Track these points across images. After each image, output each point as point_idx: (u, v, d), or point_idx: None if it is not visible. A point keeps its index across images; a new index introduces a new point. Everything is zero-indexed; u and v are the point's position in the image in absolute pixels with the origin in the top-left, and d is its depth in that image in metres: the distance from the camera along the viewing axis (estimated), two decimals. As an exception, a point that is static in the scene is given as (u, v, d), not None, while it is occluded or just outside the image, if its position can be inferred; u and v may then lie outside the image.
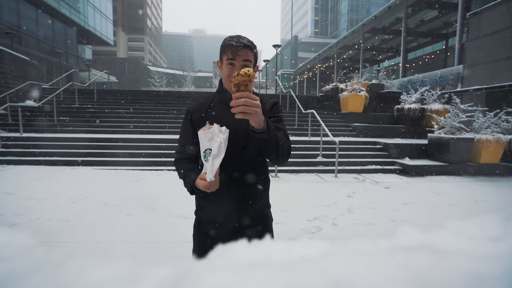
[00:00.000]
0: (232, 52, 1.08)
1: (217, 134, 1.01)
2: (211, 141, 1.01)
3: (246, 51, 1.09)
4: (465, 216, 3.74)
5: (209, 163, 0.99)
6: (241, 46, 1.08)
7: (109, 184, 4.50)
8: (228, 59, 1.10)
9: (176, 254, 2.36)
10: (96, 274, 0.18)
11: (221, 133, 1.01)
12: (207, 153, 1.01)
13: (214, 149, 0.99)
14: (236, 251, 0.23)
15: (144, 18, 54.59)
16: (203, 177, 1.01)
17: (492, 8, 9.87)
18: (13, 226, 2.81)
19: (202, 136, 1.03)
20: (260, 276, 0.18)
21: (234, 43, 1.09)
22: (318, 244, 0.23)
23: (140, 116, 8.58)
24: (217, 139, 1.00)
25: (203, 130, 1.03)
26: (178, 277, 0.19)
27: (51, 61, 18.12)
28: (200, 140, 1.04)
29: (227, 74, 1.11)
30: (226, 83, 1.15)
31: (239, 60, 1.09)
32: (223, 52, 1.13)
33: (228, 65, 1.11)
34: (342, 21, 50.43)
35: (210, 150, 1.01)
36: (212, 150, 0.99)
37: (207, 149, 1.02)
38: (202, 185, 1.00)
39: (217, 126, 1.02)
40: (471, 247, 0.20)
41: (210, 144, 1.01)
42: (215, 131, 1.01)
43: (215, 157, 0.99)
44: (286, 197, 4.11)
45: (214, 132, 1.01)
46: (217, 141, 1.00)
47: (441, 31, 19.55)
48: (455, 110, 6.42)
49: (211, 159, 0.99)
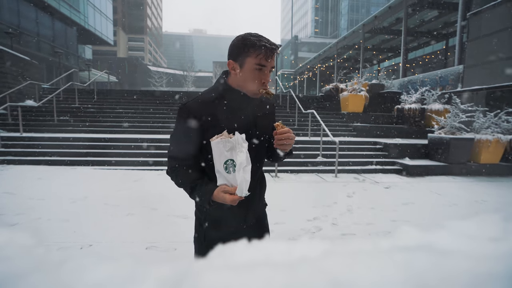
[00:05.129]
0: (266, 56, 0.96)
1: (241, 144, 0.95)
2: (232, 151, 0.94)
3: (275, 55, 1.00)
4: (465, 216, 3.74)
5: (240, 176, 0.93)
6: (275, 49, 0.97)
7: (109, 184, 4.50)
8: (258, 63, 0.97)
9: (176, 254, 2.36)
10: (96, 274, 0.18)
11: (244, 143, 0.95)
12: (229, 164, 0.95)
13: (241, 160, 0.93)
14: (236, 251, 0.23)
15: (144, 18, 54.58)
16: (228, 190, 0.95)
17: (493, 8, 9.87)
18: (13, 226, 2.81)
19: (220, 145, 0.94)
20: (260, 276, 0.18)
21: (268, 45, 0.96)
22: (318, 244, 0.23)
23: (140, 116, 8.58)
24: (242, 149, 0.94)
25: (220, 138, 0.94)
26: (178, 277, 0.19)
27: (51, 61, 18.12)
28: (217, 150, 0.95)
29: (255, 78, 0.99)
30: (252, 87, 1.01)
31: (270, 66, 0.99)
32: (248, 52, 0.96)
33: (257, 70, 0.98)
34: (342, 21, 50.41)
35: (232, 160, 0.94)
36: (239, 161, 0.93)
37: (229, 160, 0.94)
38: (230, 199, 0.93)
39: (239, 136, 0.95)
40: (471, 247, 0.20)
41: (231, 154, 0.94)
42: (238, 141, 0.94)
43: (245, 169, 0.94)
44: (286, 197, 4.10)
45: (237, 142, 0.94)
46: (243, 152, 0.94)
47: (441, 31, 19.53)
48: (455, 110, 6.41)
49: (241, 172, 0.93)
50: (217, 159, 0.96)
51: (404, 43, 16.85)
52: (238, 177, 0.94)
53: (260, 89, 1.01)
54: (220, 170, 0.97)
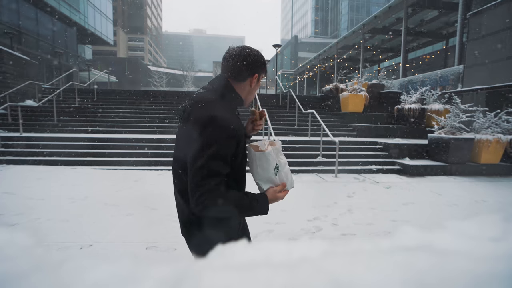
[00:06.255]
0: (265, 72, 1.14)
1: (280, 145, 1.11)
2: (278, 155, 1.07)
3: None
4: (465, 216, 3.69)
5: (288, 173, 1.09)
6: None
7: (109, 184, 4.50)
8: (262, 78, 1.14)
9: (176, 254, 2.36)
10: (96, 274, 0.18)
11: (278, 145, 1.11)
12: (276, 167, 1.07)
13: (285, 160, 1.09)
14: (236, 251, 0.23)
15: (144, 18, 54.58)
16: (278, 190, 1.08)
17: (493, 8, 9.87)
18: (13, 226, 2.81)
19: (273, 153, 1.05)
20: (260, 276, 0.18)
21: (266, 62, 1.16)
22: (318, 244, 0.23)
23: (140, 116, 8.58)
24: (280, 150, 1.09)
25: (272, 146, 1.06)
26: (178, 277, 0.19)
27: (51, 61, 18.12)
28: (270, 157, 1.05)
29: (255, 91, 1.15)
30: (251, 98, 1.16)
31: None
32: (262, 69, 1.11)
33: (257, 83, 1.13)
34: (342, 21, 50.40)
35: (277, 164, 1.06)
36: (283, 161, 1.08)
37: (276, 164, 1.06)
38: (284, 195, 1.09)
39: (278, 140, 1.12)
40: (471, 247, 0.20)
41: (277, 157, 1.07)
42: (279, 144, 1.10)
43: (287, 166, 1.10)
44: (286, 197, 4.10)
45: (279, 145, 1.10)
46: (282, 153, 1.09)
47: (441, 31, 19.55)
48: (456, 110, 6.41)
49: (287, 171, 1.09)
50: (269, 165, 1.05)
51: (404, 43, 16.85)
52: (287, 174, 1.08)
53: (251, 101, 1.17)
54: (269, 176, 1.07)
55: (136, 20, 53.16)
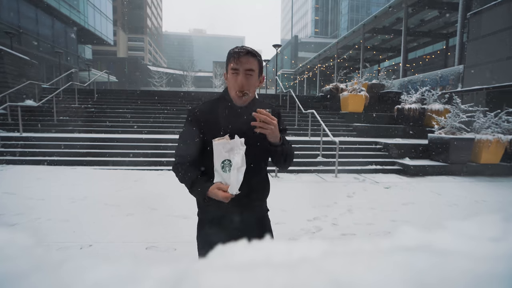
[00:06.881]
0: (235, 60, 1.07)
1: (239, 146, 1.02)
2: (230, 153, 1.03)
3: (248, 58, 1.08)
4: (465, 216, 3.72)
5: (233, 176, 1.01)
6: (243, 52, 1.07)
7: (109, 184, 4.50)
8: (232, 68, 1.09)
9: (176, 254, 2.36)
10: (96, 274, 0.18)
11: (242, 146, 1.03)
12: (226, 164, 1.03)
13: (237, 161, 1.01)
14: (236, 251, 0.23)
15: (144, 18, 54.56)
16: (222, 188, 1.03)
17: (493, 8, 9.86)
18: (13, 226, 2.81)
19: (220, 146, 1.03)
20: (260, 276, 0.18)
21: (237, 50, 1.09)
22: (318, 244, 0.23)
23: (140, 116, 8.58)
24: (239, 152, 1.02)
25: (221, 140, 1.03)
26: (178, 277, 0.19)
27: (51, 61, 18.12)
28: (217, 150, 1.03)
29: (232, 83, 1.10)
30: (232, 93, 1.12)
31: (242, 69, 1.08)
32: (227, 61, 1.12)
33: (232, 74, 1.09)
34: (342, 21, 50.40)
35: (229, 161, 1.02)
36: (234, 162, 1.01)
37: (226, 160, 1.03)
38: (222, 196, 1.02)
39: (238, 139, 1.03)
40: (471, 247, 0.20)
41: (229, 155, 1.03)
42: (237, 143, 1.03)
43: (239, 169, 1.02)
44: (286, 197, 4.10)
45: (236, 144, 1.03)
46: (239, 153, 1.02)
47: (442, 31, 19.53)
48: (456, 110, 6.41)
49: (235, 172, 1.01)
50: (216, 158, 1.04)
51: (404, 43, 16.85)
52: (232, 176, 1.01)
53: (237, 91, 1.10)
54: (217, 169, 1.05)
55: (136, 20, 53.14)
